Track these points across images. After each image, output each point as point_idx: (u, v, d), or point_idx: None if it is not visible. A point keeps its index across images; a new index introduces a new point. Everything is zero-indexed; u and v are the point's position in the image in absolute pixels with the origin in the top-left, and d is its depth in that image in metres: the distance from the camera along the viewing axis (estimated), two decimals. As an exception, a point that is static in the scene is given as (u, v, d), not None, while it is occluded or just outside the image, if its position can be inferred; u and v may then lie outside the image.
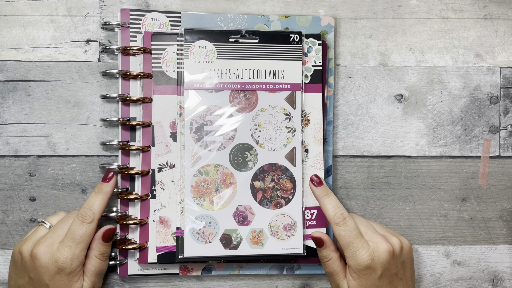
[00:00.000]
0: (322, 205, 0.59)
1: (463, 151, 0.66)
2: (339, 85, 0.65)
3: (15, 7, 0.62)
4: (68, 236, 0.55)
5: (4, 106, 0.62)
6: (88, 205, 0.57)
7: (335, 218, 0.57)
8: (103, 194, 0.58)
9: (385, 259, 0.56)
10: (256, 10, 0.64)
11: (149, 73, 0.60)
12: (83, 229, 0.56)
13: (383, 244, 0.56)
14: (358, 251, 0.56)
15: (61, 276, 0.55)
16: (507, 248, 0.66)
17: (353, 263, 0.56)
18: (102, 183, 0.58)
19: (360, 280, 0.56)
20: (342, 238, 0.57)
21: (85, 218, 0.56)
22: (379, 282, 0.56)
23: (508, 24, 0.66)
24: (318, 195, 0.59)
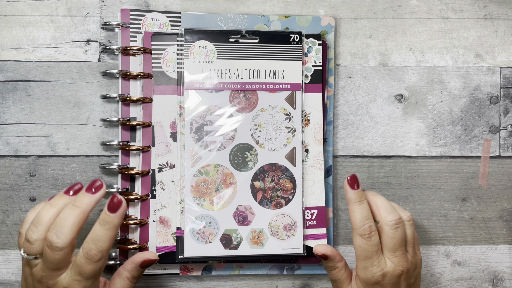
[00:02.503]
0: (351, 211, 0.56)
1: (463, 151, 0.66)
2: (339, 85, 0.65)
3: (15, 7, 0.62)
4: (75, 271, 0.48)
5: (4, 106, 0.62)
6: (93, 240, 0.48)
7: (362, 229, 0.54)
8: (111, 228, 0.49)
9: (396, 280, 0.54)
10: (256, 10, 0.64)
11: (149, 73, 0.60)
12: (90, 267, 0.48)
13: (401, 268, 0.54)
14: (372, 267, 0.54)
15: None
16: (507, 248, 0.66)
17: (363, 275, 0.54)
18: (108, 213, 0.49)
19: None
20: (362, 251, 0.54)
21: (92, 257, 0.48)
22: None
23: (508, 24, 0.66)
24: (350, 198, 0.56)
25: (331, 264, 0.58)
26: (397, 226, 0.54)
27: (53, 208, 0.49)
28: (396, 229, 0.54)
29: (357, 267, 0.55)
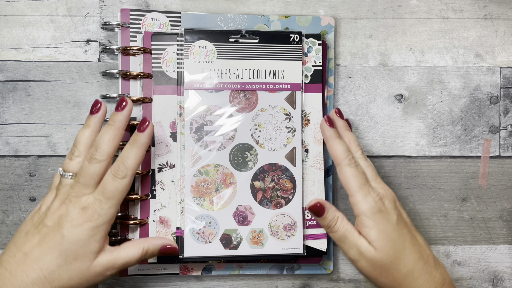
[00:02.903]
0: (332, 146, 0.56)
1: (463, 151, 0.66)
2: (339, 85, 0.65)
3: (15, 7, 0.62)
4: (99, 189, 0.51)
5: (4, 106, 0.62)
6: (121, 158, 0.52)
7: (348, 159, 0.54)
8: (140, 146, 0.52)
9: (394, 205, 0.54)
10: (256, 10, 0.64)
11: (149, 73, 0.60)
12: (114, 184, 0.51)
13: (390, 191, 0.55)
14: (369, 193, 0.53)
15: (83, 227, 0.50)
16: (507, 248, 0.66)
17: (366, 206, 0.52)
18: (137, 132, 0.53)
19: (378, 226, 0.52)
20: (354, 180, 0.53)
21: (117, 173, 0.51)
22: (398, 228, 0.53)
23: (508, 24, 0.66)
24: (329, 136, 0.56)
25: (331, 216, 0.54)
26: (365, 156, 0.57)
27: (86, 128, 0.54)
28: (366, 159, 0.57)
29: (358, 203, 0.53)
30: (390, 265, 0.52)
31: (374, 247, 0.52)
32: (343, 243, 0.54)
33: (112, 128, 0.52)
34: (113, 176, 0.51)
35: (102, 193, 0.51)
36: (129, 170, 0.52)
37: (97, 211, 0.50)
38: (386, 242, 0.52)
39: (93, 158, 0.51)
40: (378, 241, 0.52)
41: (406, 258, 0.52)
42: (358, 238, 0.53)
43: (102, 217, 0.51)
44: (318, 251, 0.62)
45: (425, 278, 0.52)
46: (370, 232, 0.53)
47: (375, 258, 0.52)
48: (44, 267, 0.48)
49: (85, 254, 0.50)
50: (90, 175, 0.51)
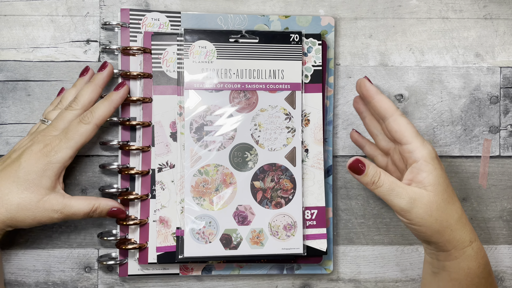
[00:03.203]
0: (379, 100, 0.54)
1: (463, 151, 0.66)
2: (339, 85, 0.65)
3: (15, 7, 0.62)
4: (64, 130, 0.56)
5: (4, 106, 0.62)
6: (92, 108, 0.57)
7: (399, 110, 0.53)
8: (110, 102, 0.58)
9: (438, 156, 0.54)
10: (256, 10, 0.64)
11: (149, 73, 0.60)
12: (77, 127, 0.56)
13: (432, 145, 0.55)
14: (424, 141, 0.52)
15: (39, 159, 0.54)
16: (507, 248, 0.66)
17: (426, 151, 0.52)
18: (112, 91, 0.59)
19: (437, 171, 0.52)
20: (411, 127, 0.53)
21: (84, 119, 0.56)
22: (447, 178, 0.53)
23: (508, 24, 0.66)
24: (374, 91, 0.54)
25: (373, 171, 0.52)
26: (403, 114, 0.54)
27: (73, 88, 0.60)
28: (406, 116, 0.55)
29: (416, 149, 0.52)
30: (445, 208, 0.52)
31: (431, 191, 0.51)
32: (391, 195, 0.52)
33: (92, 84, 0.58)
34: (79, 121, 0.56)
35: (65, 133, 0.55)
36: (94, 118, 0.56)
37: (54, 148, 0.55)
38: (442, 187, 0.52)
39: (70, 106, 0.57)
40: (435, 185, 0.51)
41: (456, 203, 0.53)
42: (408, 187, 0.52)
43: (58, 155, 0.55)
44: (318, 251, 0.62)
45: (468, 226, 0.53)
46: (428, 176, 0.52)
47: (432, 201, 0.51)
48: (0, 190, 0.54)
49: (36, 186, 0.54)
50: (62, 119, 0.56)
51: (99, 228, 0.62)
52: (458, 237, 0.52)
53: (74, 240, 0.62)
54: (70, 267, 0.62)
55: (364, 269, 0.65)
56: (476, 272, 0.53)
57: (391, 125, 0.53)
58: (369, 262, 0.65)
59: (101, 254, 0.62)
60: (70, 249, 0.62)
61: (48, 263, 0.62)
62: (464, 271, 0.53)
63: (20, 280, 0.62)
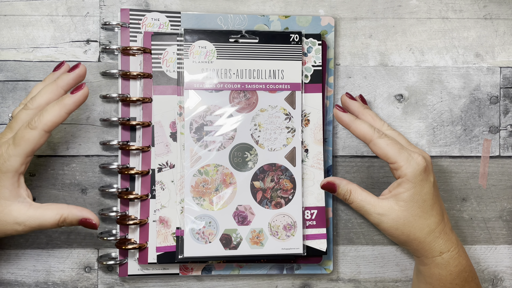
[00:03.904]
0: (355, 128, 0.56)
1: (463, 151, 0.66)
2: (339, 85, 0.65)
3: (15, 7, 0.62)
4: (13, 135, 0.51)
5: (4, 106, 0.62)
6: (41, 112, 0.51)
7: (376, 132, 0.55)
8: (62, 106, 0.51)
9: (431, 166, 0.56)
10: (256, 10, 0.64)
11: (149, 73, 0.60)
12: (24, 132, 0.50)
13: (426, 154, 0.57)
14: (411, 156, 0.54)
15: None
16: (507, 248, 0.66)
17: (410, 169, 0.54)
18: (68, 94, 0.52)
19: (415, 189, 0.54)
20: (391, 147, 0.54)
21: (30, 123, 0.50)
22: (433, 190, 0.55)
23: (508, 24, 0.66)
24: (348, 120, 0.56)
25: (343, 190, 0.56)
26: (391, 128, 0.58)
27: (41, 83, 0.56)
28: (393, 130, 0.58)
29: (401, 168, 0.54)
30: (413, 223, 0.55)
31: (401, 206, 0.55)
32: (361, 211, 0.56)
33: (53, 85, 0.53)
34: (26, 125, 0.51)
35: (13, 138, 0.51)
36: (41, 123, 0.50)
37: (3, 155, 0.50)
38: (415, 203, 0.54)
39: (25, 106, 0.53)
40: (408, 202, 0.54)
41: (430, 218, 0.55)
42: (378, 202, 0.55)
43: (7, 163, 0.50)
44: (318, 251, 0.62)
45: (444, 238, 0.56)
46: (404, 194, 0.54)
47: (400, 217, 0.55)
48: None
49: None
50: (16, 119, 0.53)
51: (99, 228, 0.62)
52: (427, 248, 0.56)
53: (74, 240, 0.62)
54: (70, 267, 0.62)
55: (364, 269, 0.65)
56: (448, 279, 0.56)
57: (373, 150, 0.56)
58: (369, 262, 0.65)
59: (101, 254, 0.62)
60: (70, 249, 0.62)
61: (48, 263, 0.62)
62: (435, 277, 0.57)
63: (20, 280, 0.62)
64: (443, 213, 0.57)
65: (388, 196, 0.56)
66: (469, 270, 0.57)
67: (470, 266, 0.57)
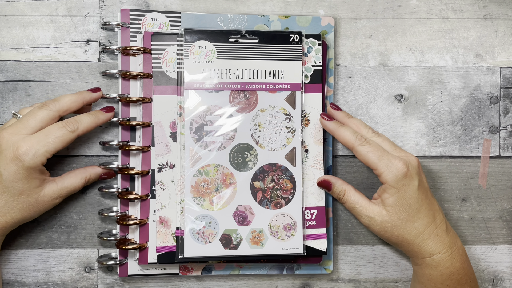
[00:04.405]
0: (339, 135, 0.58)
1: (463, 151, 0.66)
2: (339, 85, 0.65)
3: (15, 7, 0.62)
4: (43, 132, 0.54)
5: (4, 106, 0.62)
6: (78, 118, 0.56)
7: (358, 139, 0.57)
8: (96, 119, 0.57)
9: (417, 170, 0.57)
10: (256, 10, 0.64)
11: (149, 73, 0.60)
12: (60, 131, 0.54)
13: (413, 156, 0.58)
14: (391, 162, 0.56)
15: (18, 167, 0.52)
16: (507, 248, 0.66)
17: (389, 175, 0.56)
18: (101, 111, 0.58)
19: (399, 194, 0.56)
20: (371, 155, 0.56)
21: (68, 125, 0.55)
22: (418, 194, 0.56)
23: (508, 24, 0.66)
24: (332, 128, 0.59)
25: (337, 189, 0.59)
26: (376, 133, 0.59)
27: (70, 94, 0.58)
28: (379, 135, 0.59)
29: (381, 174, 0.56)
30: (401, 227, 0.57)
31: (388, 211, 0.57)
32: (353, 212, 0.59)
33: (78, 95, 0.57)
34: (63, 126, 0.54)
35: (46, 135, 0.53)
36: (80, 128, 0.55)
37: (31, 150, 0.53)
38: (401, 208, 0.56)
39: (46, 105, 0.55)
40: (394, 206, 0.56)
41: (418, 221, 0.57)
42: (368, 205, 0.58)
43: (36, 159, 0.53)
44: (318, 251, 0.62)
45: (435, 240, 0.57)
46: (389, 199, 0.56)
47: (387, 220, 0.57)
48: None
49: (29, 189, 0.54)
50: (34, 116, 0.54)
51: (99, 228, 0.62)
52: (417, 249, 0.57)
53: (74, 240, 0.62)
54: (70, 267, 0.62)
55: (364, 269, 0.65)
56: (438, 279, 0.57)
57: (356, 156, 0.58)
58: (369, 262, 0.65)
59: (101, 254, 0.62)
60: (70, 249, 0.62)
61: (48, 263, 0.62)
62: (426, 276, 0.58)
63: (20, 280, 0.62)
64: (435, 214, 0.58)
65: (377, 200, 0.58)
66: (463, 273, 0.57)
67: (465, 270, 0.58)
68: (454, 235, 0.59)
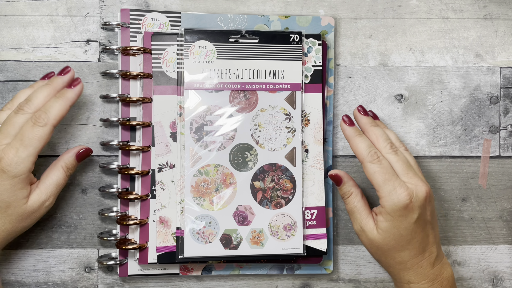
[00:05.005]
0: (353, 145, 0.56)
1: (463, 151, 0.66)
2: (339, 85, 0.65)
3: (15, 7, 0.62)
4: (17, 137, 0.51)
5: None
6: (45, 107, 0.52)
7: (370, 156, 0.54)
8: (65, 100, 0.53)
9: (422, 203, 0.54)
10: (256, 10, 0.64)
11: (149, 73, 0.60)
12: (33, 132, 0.51)
13: (423, 187, 0.54)
14: (395, 189, 0.53)
15: (2, 178, 0.51)
16: (507, 248, 0.66)
17: (389, 203, 0.53)
18: (66, 88, 0.54)
19: (393, 222, 0.54)
20: (377, 176, 0.54)
21: (38, 120, 0.51)
22: (413, 227, 0.54)
23: (508, 24, 0.66)
24: (349, 134, 0.56)
25: (346, 189, 0.57)
26: (395, 149, 0.56)
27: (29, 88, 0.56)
28: (396, 153, 0.56)
29: (381, 198, 0.54)
30: (386, 251, 0.55)
31: (379, 233, 0.55)
32: (351, 216, 0.58)
33: (48, 87, 0.54)
34: (33, 123, 0.51)
35: (20, 140, 0.51)
36: (50, 119, 0.52)
37: (13, 160, 0.51)
38: (392, 236, 0.54)
39: (21, 109, 0.52)
40: (385, 232, 0.55)
41: (405, 251, 0.55)
42: (365, 217, 0.56)
43: (19, 167, 0.51)
44: (318, 251, 0.62)
45: (416, 271, 0.55)
46: (382, 223, 0.55)
47: (375, 240, 0.55)
48: None
49: (15, 201, 0.52)
50: (12, 124, 0.52)
51: (99, 228, 0.62)
52: (395, 274, 0.57)
53: (74, 240, 0.62)
54: (70, 267, 0.62)
55: (364, 269, 0.65)
56: None
57: (364, 171, 0.55)
58: (369, 262, 0.65)
59: (101, 254, 0.62)
60: (70, 249, 0.62)
61: (48, 263, 0.62)
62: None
63: (20, 280, 0.62)
64: (426, 248, 0.55)
65: (375, 217, 0.56)
66: None
67: None
68: (443, 266, 0.56)
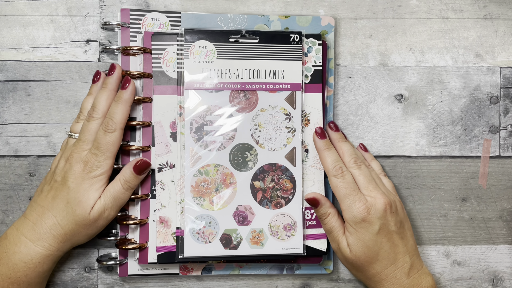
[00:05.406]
0: (321, 158, 0.60)
1: (463, 151, 0.66)
2: (339, 85, 0.65)
3: (15, 7, 0.62)
4: (94, 145, 0.56)
5: (4, 106, 0.62)
6: (110, 115, 0.57)
7: (334, 170, 0.58)
8: (124, 103, 0.57)
9: (382, 214, 0.57)
10: (256, 10, 0.64)
11: (149, 73, 0.60)
12: (106, 138, 0.56)
13: (381, 199, 0.57)
14: (354, 203, 0.57)
15: (84, 178, 0.56)
16: (507, 248, 0.66)
17: (349, 215, 0.57)
18: (121, 90, 0.58)
19: (357, 235, 0.57)
20: (339, 190, 0.57)
21: (107, 128, 0.56)
22: (377, 238, 0.57)
23: (508, 24, 0.66)
24: (319, 147, 0.60)
25: (323, 211, 0.59)
26: (358, 164, 0.59)
27: (89, 96, 0.60)
28: (359, 167, 0.59)
29: (343, 211, 0.58)
30: (360, 266, 0.58)
31: (350, 249, 0.58)
32: (328, 235, 0.61)
33: (106, 90, 0.58)
34: (104, 131, 0.56)
35: (97, 147, 0.56)
36: (117, 124, 0.57)
37: (94, 163, 0.56)
38: (360, 249, 0.57)
39: (91, 117, 0.57)
40: (353, 246, 0.57)
41: (376, 263, 0.58)
42: (341, 236, 0.59)
43: (100, 168, 0.56)
44: (318, 251, 0.62)
45: (391, 281, 0.58)
46: (349, 237, 0.58)
47: (349, 258, 0.58)
48: (56, 214, 0.56)
49: (86, 201, 0.56)
50: (88, 131, 0.57)
51: (99, 228, 0.62)
52: (369, 284, 0.60)
53: (74, 240, 0.62)
54: (70, 267, 0.62)
55: (364, 269, 0.65)
56: None
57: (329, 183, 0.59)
58: (369, 262, 0.65)
59: (101, 254, 0.62)
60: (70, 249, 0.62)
61: (48, 263, 0.62)
62: None
63: (20, 280, 0.62)
64: (397, 257, 0.58)
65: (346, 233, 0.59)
66: None
67: None
68: (421, 276, 0.58)
